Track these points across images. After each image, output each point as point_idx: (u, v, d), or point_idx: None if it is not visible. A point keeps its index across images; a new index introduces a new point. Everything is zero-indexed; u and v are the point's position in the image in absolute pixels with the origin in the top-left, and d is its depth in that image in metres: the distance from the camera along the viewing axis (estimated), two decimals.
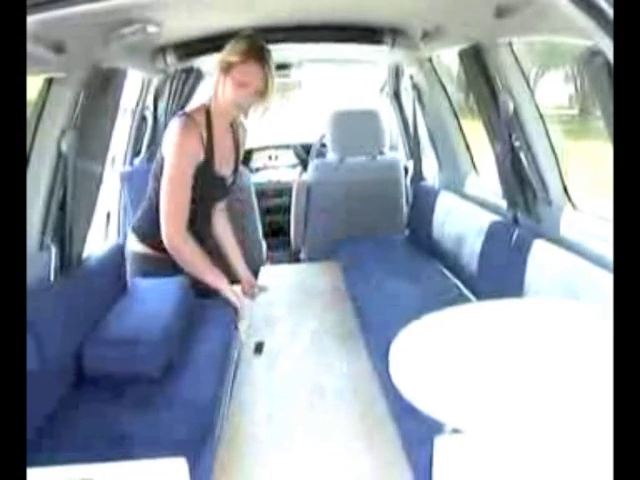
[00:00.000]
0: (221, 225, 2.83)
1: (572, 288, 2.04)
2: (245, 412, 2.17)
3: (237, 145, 2.67)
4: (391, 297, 2.69)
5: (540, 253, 2.28)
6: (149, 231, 2.59)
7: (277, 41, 2.93)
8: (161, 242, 2.48)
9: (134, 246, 2.67)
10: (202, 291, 2.57)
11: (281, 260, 4.12)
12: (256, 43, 2.42)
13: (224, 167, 2.59)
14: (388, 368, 1.38)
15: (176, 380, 2.07)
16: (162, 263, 2.55)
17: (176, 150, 2.41)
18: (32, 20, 1.48)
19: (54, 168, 2.15)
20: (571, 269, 2.08)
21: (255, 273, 3.43)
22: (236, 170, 2.69)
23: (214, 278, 2.46)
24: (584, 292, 1.96)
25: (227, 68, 2.40)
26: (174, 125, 2.45)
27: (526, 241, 2.37)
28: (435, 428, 1.31)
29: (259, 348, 2.59)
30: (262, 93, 2.42)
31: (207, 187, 2.53)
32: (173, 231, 2.41)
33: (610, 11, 1.38)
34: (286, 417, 2.12)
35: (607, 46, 1.48)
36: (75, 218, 2.25)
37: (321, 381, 2.33)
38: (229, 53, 2.40)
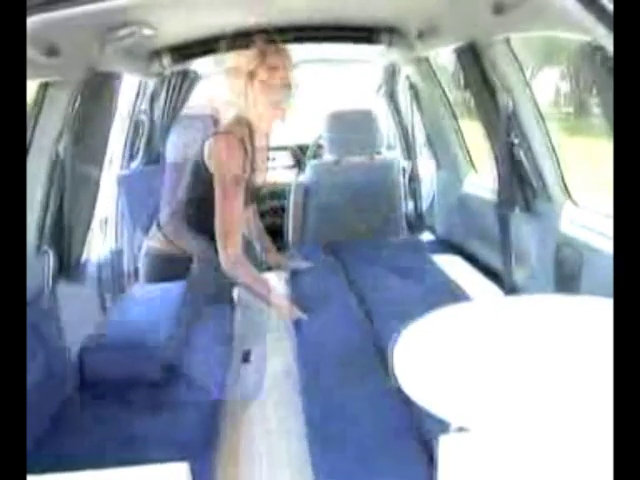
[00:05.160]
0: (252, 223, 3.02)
1: None
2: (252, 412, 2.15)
3: (267, 151, 2.79)
4: (395, 297, 2.67)
5: None
6: (181, 233, 2.68)
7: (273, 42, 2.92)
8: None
9: (160, 245, 2.72)
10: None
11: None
12: (267, 41, 2.47)
13: (259, 178, 2.70)
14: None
15: (177, 384, 2.05)
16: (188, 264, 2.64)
17: (226, 170, 2.47)
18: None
19: (50, 173, 2.14)
20: None
21: None
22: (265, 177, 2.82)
23: (265, 292, 2.52)
24: None
25: (251, 74, 2.45)
26: (221, 143, 2.50)
27: None
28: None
29: (246, 357, 2.56)
30: (290, 82, 2.48)
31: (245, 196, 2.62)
32: (228, 254, 2.46)
33: (610, 5, 1.37)
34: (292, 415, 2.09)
35: (607, 41, 1.47)
36: (74, 223, 2.24)
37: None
38: (247, 62, 2.45)
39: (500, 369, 1.33)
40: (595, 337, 1.41)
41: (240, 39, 2.60)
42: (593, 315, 1.53)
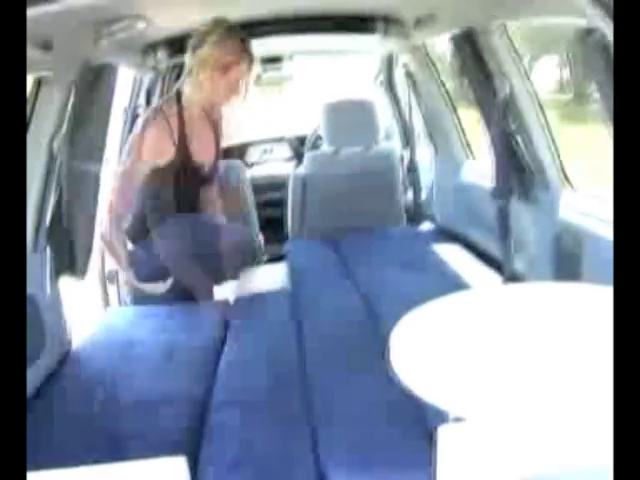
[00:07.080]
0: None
1: None
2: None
3: (216, 132, 2.70)
4: (395, 287, 2.66)
5: None
6: (138, 236, 2.65)
7: (267, 34, 2.91)
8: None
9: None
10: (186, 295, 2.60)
11: (281, 253, 4.09)
12: (224, 25, 2.47)
13: (201, 154, 2.61)
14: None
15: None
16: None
17: (137, 147, 2.46)
18: None
19: (47, 168, 2.13)
20: None
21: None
22: (217, 158, 2.71)
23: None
24: None
25: (205, 61, 2.46)
26: (141, 120, 2.49)
27: None
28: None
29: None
30: (248, 69, 2.48)
31: (184, 176, 2.56)
32: (105, 227, 2.46)
33: None
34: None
35: (603, 24, 1.46)
36: (74, 221, 2.22)
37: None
38: (208, 47, 2.46)
39: (499, 358, 1.33)
40: (594, 325, 1.40)
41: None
42: (593, 303, 1.52)
